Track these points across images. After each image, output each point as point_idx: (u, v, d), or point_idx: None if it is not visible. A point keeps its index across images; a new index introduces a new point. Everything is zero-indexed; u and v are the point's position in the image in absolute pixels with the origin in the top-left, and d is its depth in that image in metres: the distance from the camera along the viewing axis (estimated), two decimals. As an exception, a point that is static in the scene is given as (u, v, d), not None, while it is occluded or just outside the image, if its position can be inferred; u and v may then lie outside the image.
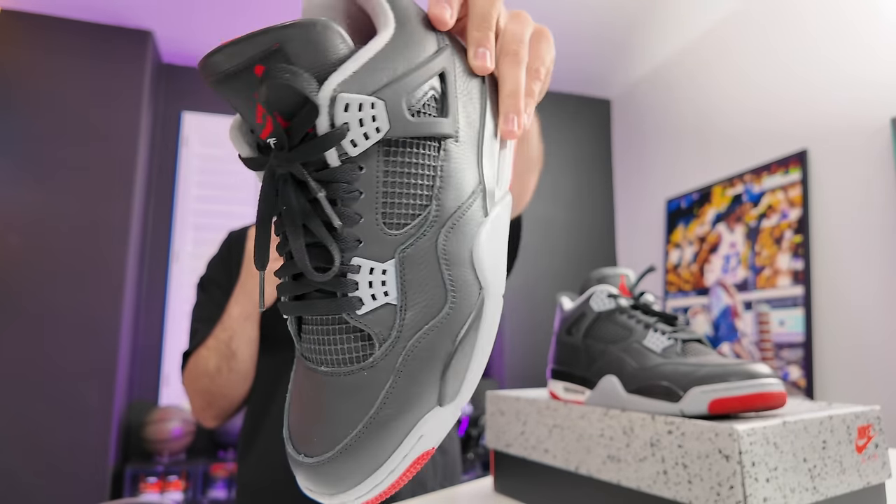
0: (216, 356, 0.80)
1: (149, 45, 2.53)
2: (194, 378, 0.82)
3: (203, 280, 0.94)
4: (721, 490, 0.39)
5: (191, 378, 0.83)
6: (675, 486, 0.42)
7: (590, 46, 2.72)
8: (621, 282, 0.60)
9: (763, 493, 0.38)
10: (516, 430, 0.60)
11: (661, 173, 2.84)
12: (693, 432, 0.41)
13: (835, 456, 0.44)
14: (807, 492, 0.41)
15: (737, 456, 0.38)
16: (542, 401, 0.57)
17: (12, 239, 2.22)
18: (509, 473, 0.62)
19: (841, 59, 1.95)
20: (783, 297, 2.03)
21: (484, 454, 2.46)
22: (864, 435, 0.46)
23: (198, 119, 2.79)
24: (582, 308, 0.58)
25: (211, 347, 0.81)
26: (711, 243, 2.43)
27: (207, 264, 0.96)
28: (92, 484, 2.15)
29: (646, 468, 0.45)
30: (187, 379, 0.84)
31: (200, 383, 0.82)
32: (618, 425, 0.48)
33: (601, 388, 0.53)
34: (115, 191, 2.37)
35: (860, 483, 0.45)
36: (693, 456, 0.41)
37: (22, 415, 2.13)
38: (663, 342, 0.51)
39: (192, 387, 0.83)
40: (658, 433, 0.44)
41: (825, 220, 1.97)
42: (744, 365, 0.45)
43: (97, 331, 2.25)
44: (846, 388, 1.85)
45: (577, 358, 0.57)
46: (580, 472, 0.51)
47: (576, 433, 0.52)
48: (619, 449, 0.47)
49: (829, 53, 2.00)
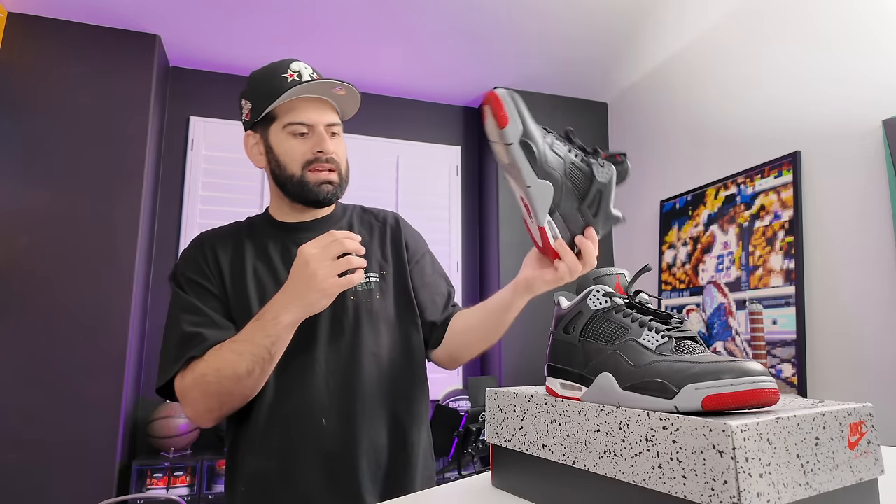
0: (250, 360, 0.81)
1: (156, 49, 2.54)
2: (210, 381, 0.82)
3: (182, 279, 0.93)
4: (715, 485, 0.39)
5: (202, 381, 0.83)
6: (669, 481, 0.43)
7: (587, 52, 2.73)
8: (617, 281, 0.60)
9: (756, 489, 0.39)
10: (515, 425, 0.61)
11: (656, 175, 2.85)
12: (687, 428, 0.42)
13: (827, 452, 0.44)
14: (800, 487, 0.42)
15: (730, 451, 0.39)
16: (540, 397, 0.58)
17: (23, 239, 2.24)
18: (508, 468, 0.63)
19: (833, 62, 1.97)
20: (776, 296, 2.05)
21: (482, 450, 2.48)
22: (856, 431, 0.47)
23: (204, 123, 2.83)
24: (579, 307, 0.59)
25: (244, 352, 0.81)
26: (705, 243, 2.44)
27: (185, 261, 0.95)
28: (99, 479, 2.17)
29: (641, 463, 0.45)
30: (193, 382, 0.83)
31: (220, 385, 0.82)
32: (613, 421, 0.49)
33: (597, 385, 0.53)
34: (124, 192, 2.39)
35: (853, 479, 0.45)
36: (687, 451, 0.42)
37: (31, 411, 2.14)
38: (658, 340, 0.52)
39: (202, 389, 0.83)
40: (653, 429, 0.45)
41: (817, 221, 1.99)
42: (737, 363, 0.46)
43: (106, 328, 2.27)
44: (838, 385, 1.87)
45: (574, 355, 0.57)
46: (577, 466, 0.52)
47: (573, 429, 0.53)
48: (614, 444, 0.48)
49: (820, 56, 2.01)
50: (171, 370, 0.86)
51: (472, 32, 2.56)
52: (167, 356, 0.87)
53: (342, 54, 2.73)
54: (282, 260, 0.96)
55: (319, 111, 0.96)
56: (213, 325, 0.87)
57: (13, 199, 2.26)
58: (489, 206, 3.11)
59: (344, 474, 0.88)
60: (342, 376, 0.91)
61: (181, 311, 0.89)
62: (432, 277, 1.07)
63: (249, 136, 0.99)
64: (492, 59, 2.79)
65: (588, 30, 2.55)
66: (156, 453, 2.38)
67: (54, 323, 2.22)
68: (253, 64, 3.09)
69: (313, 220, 1.01)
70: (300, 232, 0.99)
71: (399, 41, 2.64)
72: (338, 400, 0.90)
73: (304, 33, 2.56)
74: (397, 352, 0.97)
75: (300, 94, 0.94)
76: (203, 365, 0.83)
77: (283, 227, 1.00)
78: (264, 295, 0.90)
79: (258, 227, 1.00)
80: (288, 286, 0.83)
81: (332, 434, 0.89)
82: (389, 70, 2.91)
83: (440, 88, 3.12)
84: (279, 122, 0.94)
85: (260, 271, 0.94)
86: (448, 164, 3.26)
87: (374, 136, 3.09)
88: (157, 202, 2.71)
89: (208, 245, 0.96)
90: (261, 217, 1.03)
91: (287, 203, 0.99)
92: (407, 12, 2.41)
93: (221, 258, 0.94)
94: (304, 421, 0.89)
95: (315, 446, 0.88)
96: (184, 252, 0.98)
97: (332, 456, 0.88)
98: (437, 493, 0.66)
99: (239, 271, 0.94)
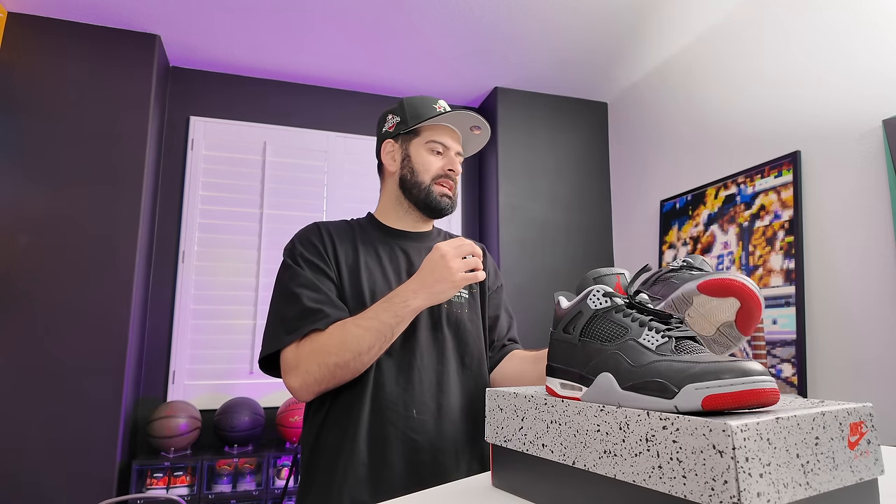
0: (374, 336, 0.91)
1: (156, 49, 2.54)
2: (330, 352, 0.91)
3: (300, 258, 1.02)
4: (715, 485, 0.39)
5: (322, 352, 0.91)
6: (669, 481, 0.43)
7: (588, 52, 2.73)
8: (617, 281, 0.60)
9: (756, 488, 0.39)
10: (515, 425, 0.61)
11: (656, 175, 2.85)
12: (687, 428, 0.42)
13: (827, 452, 0.44)
14: (800, 487, 0.42)
15: (730, 451, 0.39)
16: (540, 397, 0.58)
17: (23, 239, 2.24)
18: (508, 468, 0.63)
19: (832, 62, 1.97)
20: (776, 296, 2.05)
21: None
22: (856, 431, 0.47)
23: (204, 123, 2.83)
24: (578, 307, 0.59)
25: (370, 328, 0.91)
26: (705, 243, 2.44)
27: (302, 242, 1.04)
28: (99, 479, 2.17)
29: (641, 463, 0.45)
30: (312, 352, 0.91)
31: (340, 357, 0.91)
32: (613, 421, 0.49)
33: (597, 385, 0.53)
34: (124, 192, 2.38)
35: (853, 479, 0.45)
36: (687, 451, 0.42)
37: (31, 410, 2.14)
38: (658, 340, 0.52)
39: (320, 360, 0.91)
40: (653, 428, 0.45)
41: (817, 221, 1.99)
42: (737, 363, 0.46)
43: (106, 328, 2.27)
44: (838, 385, 1.87)
45: (574, 355, 0.57)
46: (577, 466, 0.52)
47: (573, 429, 0.53)
48: (614, 444, 0.48)
49: (820, 56, 2.01)
50: (286, 340, 0.93)
51: (473, 32, 2.56)
52: (282, 327, 0.95)
53: (342, 54, 2.73)
54: (389, 261, 1.08)
55: (455, 139, 1.13)
56: (332, 304, 0.97)
57: (13, 199, 2.26)
58: (489, 205, 3.11)
59: (426, 466, 0.96)
60: (434, 375, 1.01)
61: (300, 287, 0.97)
62: (500, 311, 1.20)
63: (388, 143, 1.14)
64: (492, 59, 2.79)
65: (588, 30, 2.55)
66: (156, 453, 2.38)
67: (54, 323, 2.22)
68: (253, 64, 3.08)
69: (418, 233, 1.14)
70: (407, 240, 1.12)
71: (399, 41, 2.64)
72: (429, 395, 0.99)
73: (305, 33, 2.56)
74: (476, 362, 1.08)
75: (448, 121, 1.11)
76: (325, 336, 0.92)
77: (392, 232, 1.12)
78: (374, 287, 1.02)
79: (367, 229, 1.12)
80: (420, 276, 0.95)
81: (419, 426, 0.97)
82: (389, 70, 2.91)
83: (440, 88, 3.12)
84: (422, 139, 1.11)
85: (371, 267, 1.05)
86: (448, 164, 3.25)
87: (374, 136, 3.09)
88: (157, 202, 2.71)
89: (326, 234, 1.06)
90: (368, 220, 1.15)
91: (404, 209, 1.12)
92: (407, 12, 2.41)
93: (339, 248, 1.05)
94: (398, 410, 0.96)
95: (404, 436, 0.96)
96: (301, 234, 1.07)
97: (417, 446, 0.96)
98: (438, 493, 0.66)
99: (354, 264, 1.04)
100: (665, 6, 2.41)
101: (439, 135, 1.11)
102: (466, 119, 1.11)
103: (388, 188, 1.15)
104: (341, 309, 0.97)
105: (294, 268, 1.01)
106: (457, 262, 0.94)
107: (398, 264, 1.08)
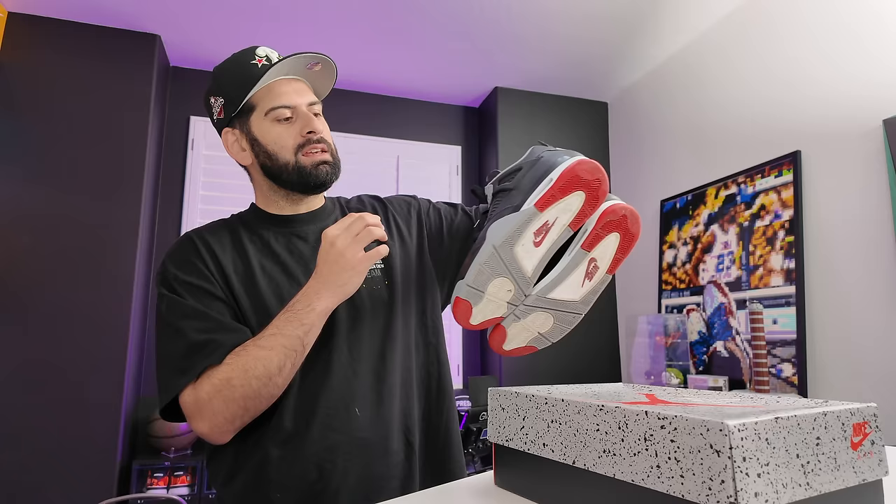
0: (282, 354, 0.78)
1: (156, 49, 2.54)
2: (235, 385, 0.77)
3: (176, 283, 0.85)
4: (712, 484, 0.39)
5: (226, 387, 0.77)
6: (668, 480, 0.43)
7: (588, 51, 2.73)
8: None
9: (754, 488, 0.39)
10: (516, 424, 0.61)
11: (656, 174, 2.85)
12: (685, 427, 0.42)
13: (829, 452, 0.44)
14: (800, 487, 0.41)
15: (727, 451, 0.39)
16: (541, 397, 0.58)
17: (23, 239, 2.24)
18: (510, 467, 0.63)
19: (833, 61, 1.97)
20: (776, 296, 2.05)
21: (483, 449, 2.49)
22: (859, 432, 0.46)
23: (204, 123, 2.82)
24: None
25: (275, 346, 0.78)
26: (705, 243, 2.44)
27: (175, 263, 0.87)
28: (99, 479, 2.17)
29: (639, 462, 0.45)
30: (213, 391, 0.77)
31: (248, 388, 0.77)
32: (612, 420, 0.49)
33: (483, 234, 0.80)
34: (124, 192, 2.39)
35: (856, 480, 0.45)
36: (685, 450, 0.42)
37: (31, 410, 2.14)
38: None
39: (225, 396, 0.77)
40: (651, 428, 0.45)
41: (817, 221, 1.98)
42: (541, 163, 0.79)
43: (106, 328, 2.27)
44: (838, 384, 1.87)
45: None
46: (577, 465, 0.52)
47: (573, 428, 0.53)
48: (613, 443, 0.48)
49: (821, 56, 2.01)
50: (178, 384, 0.78)
51: (473, 32, 2.56)
52: (171, 370, 0.80)
53: (343, 54, 2.73)
54: (289, 254, 0.92)
55: (299, 92, 0.91)
56: (225, 330, 0.81)
57: (13, 199, 2.26)
58: (489, 205, 3.11)
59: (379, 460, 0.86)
60: (367, 362, 0.89)
61: (183, 318, 0.82)
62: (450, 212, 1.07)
63: (228, 134, 0.94)
64: (492, 58, 2.79)
65: (588, 29, 2.55)
66: (156, 453, 2.38)
67: (54, 323, 2.22)
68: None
69: (309, 213, 0.97)
70: (300, 224, 0.96)
71: (399, 41, 2.64)
72: (367, 387, 0.88)
73: (305, 33, 2.56)
74: (415, 330, 0.96)
75: (277, 76, 0.90)
76: (225, 369, 0.77)
77: (281, 220, 0.95)
78: (280, 292, 0.87)
79: (252, 224, 0.95)
80: (318, 272, 0.82)
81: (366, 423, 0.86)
82: (390, 70, 2.91)
83: (440, 88, 3.12)
84: (259, 111, 0.90)
85: (268, 268, 0.89)
86: (448, 164, 3.26)
87: (374, 135, 3.09)
88: (157, 202, 2.71)
89: (203, 245, 0.89)
90: (250, 213, 0.97)
91: (282, 195, 0.94)
92: (407, 12, 2.41)
93: (222, 258, 0.88)
94: (340, 414, 0.84)
95: (351, 438, 0.84)
96: (171, 253, 0.89)
97: (366, 443, 0.85)
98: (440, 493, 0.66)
99: (246, 271, 0.88)
100: (665, 6, 2.41)
101: (277, 97, 0.89)
102: (298, 62, 0.90)
103: (257, 180, 0.96)
104: (237, 331, 0.82)
105: (170, 297, 0.84)
106: (350, 245, 0.81)
107: (301, 255, 0.92)
